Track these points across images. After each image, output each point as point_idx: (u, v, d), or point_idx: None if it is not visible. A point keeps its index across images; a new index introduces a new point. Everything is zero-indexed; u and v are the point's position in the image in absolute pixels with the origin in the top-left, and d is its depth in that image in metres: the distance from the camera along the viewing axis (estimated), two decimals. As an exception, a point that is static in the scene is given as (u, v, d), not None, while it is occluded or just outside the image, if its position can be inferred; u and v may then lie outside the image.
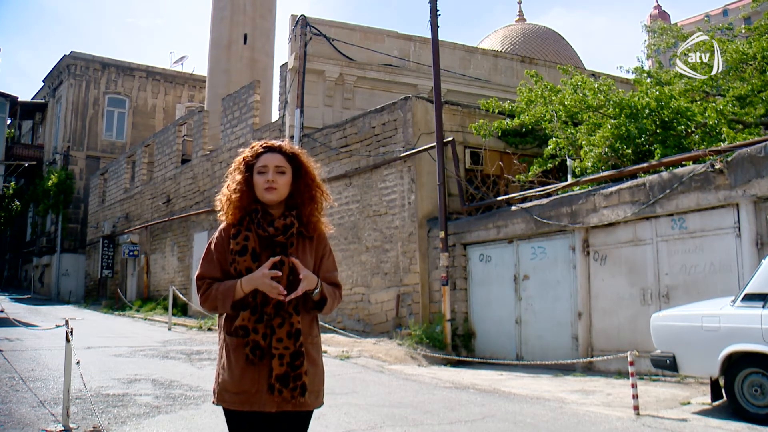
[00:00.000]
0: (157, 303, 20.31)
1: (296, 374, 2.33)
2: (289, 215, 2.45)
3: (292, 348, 2.34)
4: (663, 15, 62.73)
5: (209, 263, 2.45)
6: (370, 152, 13.09)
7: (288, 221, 2.43)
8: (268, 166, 2.45)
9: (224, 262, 2.43)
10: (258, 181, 2.44)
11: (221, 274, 2.42)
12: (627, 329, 8.76)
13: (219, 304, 2.37)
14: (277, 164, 2.46)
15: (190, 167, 20.74)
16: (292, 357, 2.33)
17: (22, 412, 5.71)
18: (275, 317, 2.34)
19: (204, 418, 5.66)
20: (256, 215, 2.42)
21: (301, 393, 2.33)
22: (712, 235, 7.99)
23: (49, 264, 31.82)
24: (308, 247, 2.49)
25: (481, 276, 11.27)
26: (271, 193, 2.42)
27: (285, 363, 2.32)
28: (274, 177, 2.43)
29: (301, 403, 2.36)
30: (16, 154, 33.45)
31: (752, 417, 5.66)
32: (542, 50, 24.19)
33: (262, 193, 2.44)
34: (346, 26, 17.53)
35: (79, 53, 32.30)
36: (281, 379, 2.31)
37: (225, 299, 2.35)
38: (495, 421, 5.92)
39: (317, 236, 2.54)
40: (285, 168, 2.47)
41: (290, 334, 2.34)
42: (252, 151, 2.52)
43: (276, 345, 2.33)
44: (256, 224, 2.41)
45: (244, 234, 2.40)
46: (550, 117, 11.03)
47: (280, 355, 2.32)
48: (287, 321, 2.34)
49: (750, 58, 10.04)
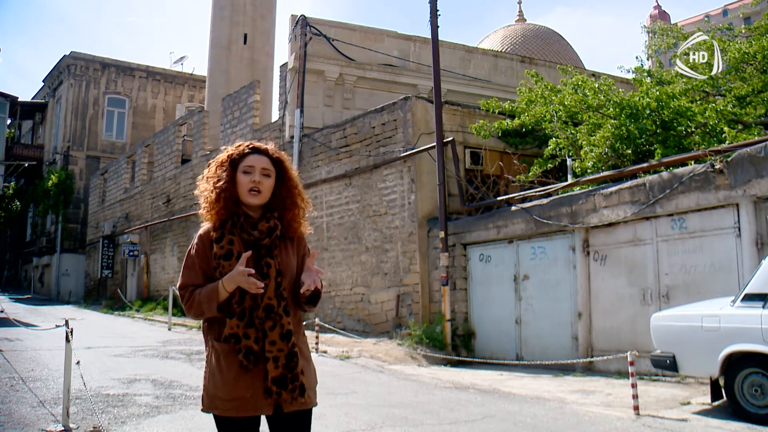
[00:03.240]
0: (157, 303, 20.31)
1: (293, 375, 2.33)
2: (272, 218, 2.45)
3: (286, 349, 2.34)
4: (663, 15, 62.72)
5: (191, 271, 2.42)
6: (370, 152, 13.09)
7: (272, 224, 2.43)
8: (255, 167, 2.43)
9: (207, 268, 2.40)
10: (242, 180, 2.42)
11: (204, 281, 2.39)
12: (627, 329, 8.76)
13: (205, 308, 2.34)
14: (263, 166, 2.45)
15: (190, 167, 20.74)
16: (287, 359, 2.33)
17: (22, 412, 5.71)
18: (266, 320, 2.33)
19: (204, 418, 5.64)
20: (238, 219, 2.41)
21: (301, 393, 2.34)
22: (712, 235, 7.99)
23: (49, 264, 31.82)
24: (290, 247, 2.51)
25: (481, 276, 11.27)
26: (256, 196, 2.42)
27: (281, 365, 2.32)
28: (260, 179, 2.42)
29: (302, 402, 2.37)
30: (16, 154, 33.47)
31: (752, 417, 5.66)
32: (542, 50, 24.18)
33: (246, 194, 2.42)
34: (346, 26, 17.52)
35: (79, 53, 32.30)
36: (278, 382, 2.31)
37: (210, 301, 2.32)
38: (495, 421, 5.92)
39: (297, 237, 2.55)
40: (270, 171, 2.47)
41: (283, 335, 2.34)
42: (238, 150, 2.49)
43: (269, 348, 2.32)
44: (239, 228, 2.40)
45: (228, 238, 2.38)
46: (550, 117, 11.03)
47: (274, 358, 2.32)
48: (278, 323, 2.34)
49: (750, 57, 10.04)
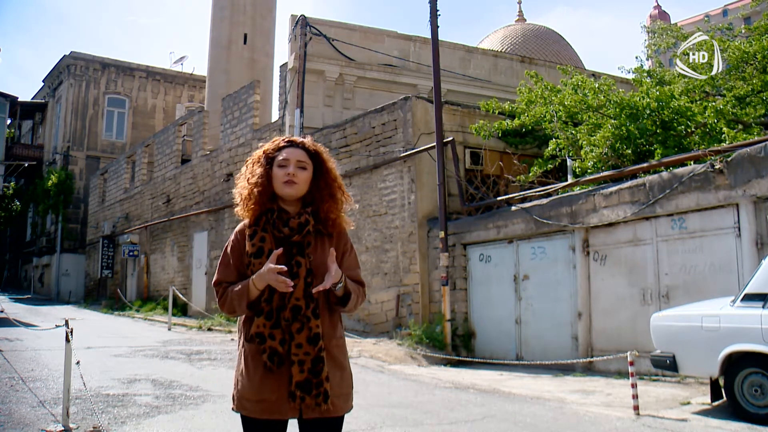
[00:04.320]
0: (157, 303, 20.31)
1: (318, 380, 2.24)
2: (304, 213, 2.36)
3: (313, 353, 2.25)
4: (663, 15, 62.74)
5: (226, 267, 2.39)
6: (370, 152, 13.09)
7: (303, 219, 2.34)
8: (289, 160, 2.37)
9: (240, 265, 2.36)
10: (278, 173, 2.37)
11: (238, 278, 2.35)
12: (627, 329, 8.76)
13: (236, 306, 2.30)
14: (299, 159, 2.39)
15: (190, 167, 20.74)
16: (312, 363, 2.24)
17: (22, 412, 5.71)
18: (294, 322, 2.26)
19: (204, 418, 5.66)
20: (271, 215, 2.35)
21: (324, 400, 2.24)
22: (712, 235, 7.99)
23: (49, 264, 31.82)
24: (327, 244, 2.39)
25: (481, 276, 11.27)
26: (291, 187, 2.35)
27: (306, 369, 2.23)
28: (294, 171, 2.36)
29: (327, 410, 2.26)
30: (16, 154, 33.48)
31: (752, 417, 5.66)
32: (542, 50, 24.17)
33: (281, 187, 2.36)
34: (346, 26, 17.52)
35: (79, 53, 32.30)
36: (302, 387, 2.23)
37: (240, 299, 2.28)
38: (495, 421, 5.92)
39: (337, 233, 2.44)
40: (306, 164, 2.40)
41: (310, 338, 2.25)
42: (273, 145, 2.45)
43: (295, 351, 2.24)
44: (271, 224, 2.34)
45: (260, 235, 2.33)
46: (550, 117, 11.02)
47: (300, 362, 2.24)
48: (306, 325, 2.26)
49: (750, 57, 10.04)
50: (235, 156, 17.90)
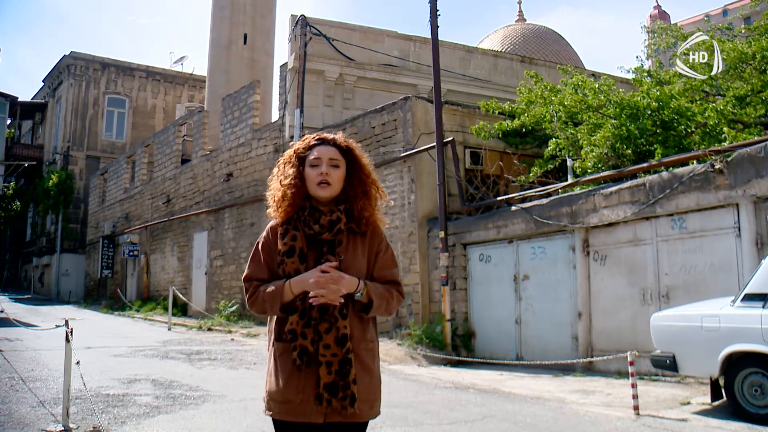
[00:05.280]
0: (157, 303, 20.31)
1: (345, 383, 2.18)
2: (336, 210, 2.30)
3: (340, 355, 2.20)
4: (663, 15, 62.71)
5: (257, 264, 2.35)
6: (369, 152, 13.08)
7: (334, 217, 2.29)
8: (321, 159, 2.31)
9: (272, 263, 2.32)
10: (310, 174, 2.31)
11: (269, 275, 2.32)
12: (627, 329, 8.76)
13: (268, 307, 2.26)
14: (331, 156, 2.32)
15: (190, 167, 20.74)
16: (340, 365, 2.19)
17: (22, 412, 5.71)
18: (321, 322, 2.21)
19: (204, 418, 5.66)
20: (303, 213, 2.30)
21: (351, 403, 2.18)
22: (712, 235, 7.99)
23: (49, 264, 31.83)
24: (360, 243, 2.34)
25: (480, 276, 11.27)
26: (325, 189, 2.29)
27: (333, 371, 2.18)
28: (327, 170, 2.29)
29: (351, 414, 2.20)
30: (16, 154, 33.47)
31: (752, 417, 5.66)
32: (542, 50, 24.18)
33: (314, 188, 2.30)
34: (346, 26, 17.52)
35: (79, 53, 32.30)
36: (330, 389, 2.17)
37: (273, 301, 2.24)
38: (495, 421, 5.92)
39: (371, 231, 2.39)
40: (339, 161, 2.33)
41: (338, 339, 2.20)
42: (304, 144, 2.39)
43: (323, 352, 2.19)
44: (303, 222, 2.29)
45: (291, 234, 2.29)
46: (550, 117, 11.02)
47: (327, 363, 2.19)
48: (334, 326, 2.21)
49: (749, 57, 10.04)
50: (235, 156, 17.89)
